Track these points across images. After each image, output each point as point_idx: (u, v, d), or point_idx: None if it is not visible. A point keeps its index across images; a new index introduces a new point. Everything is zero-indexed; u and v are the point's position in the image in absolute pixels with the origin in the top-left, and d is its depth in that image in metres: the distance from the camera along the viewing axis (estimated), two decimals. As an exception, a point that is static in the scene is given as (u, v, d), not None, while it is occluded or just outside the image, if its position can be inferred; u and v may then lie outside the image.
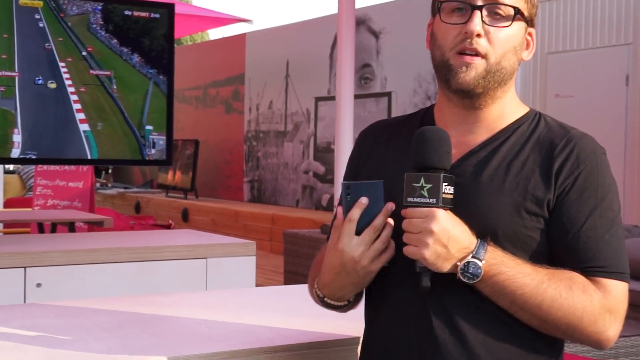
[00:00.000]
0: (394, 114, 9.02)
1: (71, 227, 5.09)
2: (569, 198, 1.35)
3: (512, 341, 1.36)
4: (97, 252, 3.21)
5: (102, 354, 1.58)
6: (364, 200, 1.35)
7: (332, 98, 9.76)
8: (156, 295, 2.37)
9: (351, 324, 1.57)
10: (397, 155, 1.45)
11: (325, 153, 10.26)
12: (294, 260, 6.34)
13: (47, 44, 3.27)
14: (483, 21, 1.37)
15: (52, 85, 3.25)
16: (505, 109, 1.43)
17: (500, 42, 1.38)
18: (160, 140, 3.46)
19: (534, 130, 1.42)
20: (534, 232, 1.35)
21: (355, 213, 1.36)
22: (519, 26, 1.40)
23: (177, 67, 3.95)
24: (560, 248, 1.36)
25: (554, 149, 1.38)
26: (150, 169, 14.01)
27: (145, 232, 4.10)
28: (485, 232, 1.34)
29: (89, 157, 3.44)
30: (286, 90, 11.02)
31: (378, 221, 1.36)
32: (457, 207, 1.35)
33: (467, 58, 1.38)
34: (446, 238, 1.31)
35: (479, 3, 1.38)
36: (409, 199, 1.33)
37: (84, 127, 3.37)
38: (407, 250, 1.33)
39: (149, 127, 3.46)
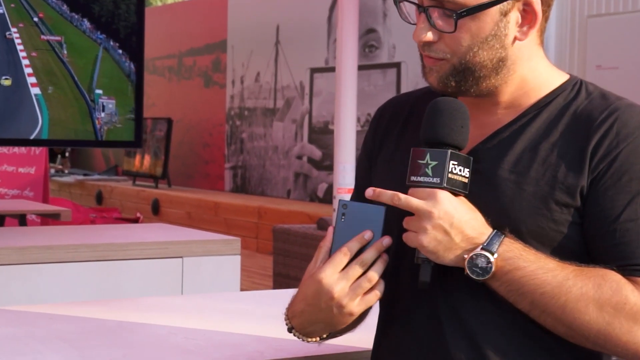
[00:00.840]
0: (403, 89, 9.03)
1: (22, 220, 5.10)
2: (604, 183, 1.35)
3: (541, 356, 1.37)
4: (52, 249, 3.22)
5: (60, 369, 1.58)
6: (367, 236, 1.37)
7: (331, 69, 9.76)
8: (123, 300, 2.39)
9: (358, 334, 1.58)
10: (416, 137, 1.46)
11: (322, 135, 10.27)
12: (285, 261, 6.39)
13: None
14: (432, 24, 1.38)
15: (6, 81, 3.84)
16: (527, 85, 1.43)
17: (460, 42, 1.38)
18: (110, 104, 3.91)
19: (572, 103, 1.42)
20: (564, 226, 1.36)
21: (353, 247, 1.37)
22: (488, 13, 1.37)
23: (147, 32, 4.08)
24: (594, 243, 1.35)
25: (591, 125, 1.37)
26: (114, 152, 14.02)
27: (109, 227, 4.11)
28: (507, 226, 1.36)
29: (40, 120, 3.81)
30: (276, 60, 11.03)
31: (368, 255, 1.37)
32: (475, 197, 1.36)
33: (428, 60, 1.41)
34: (448, 224, 1.32)
35: (425, 3, 1.39)
36: (412, 178, 1.35)
37: (35, 90, 3.85)
38: (406, 237, 1.35)
39: (98, 91, 3.95)
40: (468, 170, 1.36)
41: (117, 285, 3.29)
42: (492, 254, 1.32)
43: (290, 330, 1.46)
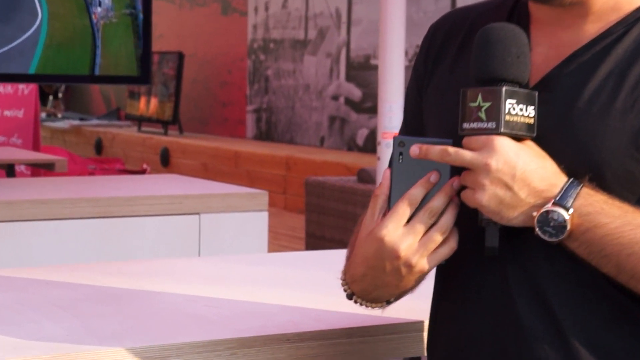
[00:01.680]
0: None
1: (10, 170, 5.13)
2: None
3: (625, 330, 1.36)
4: (46, 204, 3.24)
5: (58, 342, 1.59)
6: (433, 178, 1.37)
7: (373, -7, 9.69)
8: (130, 262, 2.42)
9: (410, 302, 1.58)
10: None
11: (362, 71, 10.24)
12: (319, 219, 6.39)
13: None
14: None
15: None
16: None
17: None
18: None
19: None
20: None
21: (417, 194, 1.38)
22: None
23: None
24: None
25: None
26: (116, 93, 14.08)
27: (112, 178, 4.16)
28: (586, 172, 1.34)
29: (39, 14, 3.81)
30: (307, -18, 10.97)
31: (437, 202, 1.37)
32: (546, 138, 1.36)
33: None
34: (510, 176, 1.31)
35: None
36: (464, 125, 1.35)
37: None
38: (464, 196, 1.36)
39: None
40: (533, 107, 1.34)
41: (123, 246, 3.31)
42: (567, 209, 1.31)
43: (350, 296, 1.48)
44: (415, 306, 1.71)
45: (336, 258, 1.62)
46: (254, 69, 11.83)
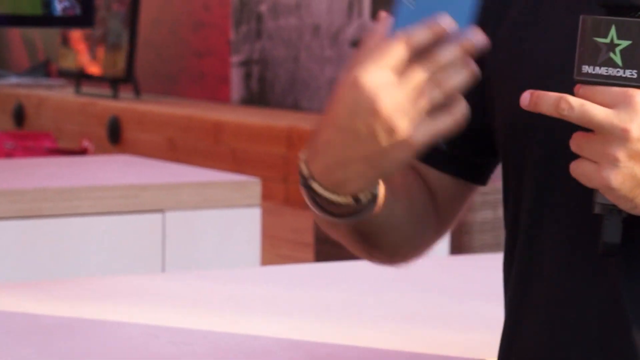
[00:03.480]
0: None
1: None
2: None
3: None
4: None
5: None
6: (446, 24, 1.35)
7: None
8: (66, 281, 2.43)
9: (464, 334, 1.60)
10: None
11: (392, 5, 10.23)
12: None
13: None
14: None
15: None
16: None
17: None
18: None
19: None
20: None
21: (420, 36, 1.36)
22: None
23: None
24: None
25: None
26: (43, 38, 14.07)
27: (39, 162, 4.19)
28: None
29: None
30: None
31: (448, 53, 1.35)
32: None
33: None
34: None
35: None
36: (586, 69, 1.35)
37: None
38: (577, 169, 1.36)
39: None
40: None
41: (56, 257, 3.30)
42: None
43: (305, 181, 1.46)
44: (476, 339, 1.75)
45: (356, 273, 1.64)
46: (241, 4, 11.82)
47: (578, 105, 1.33)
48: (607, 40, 1.33)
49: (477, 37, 1.36)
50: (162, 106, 11.32)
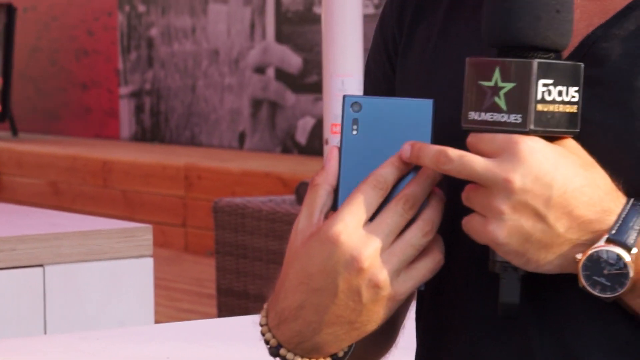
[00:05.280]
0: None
1: None
2: None
3: None
4: None
5: None
6: (407, 154, 1.39)
7: None
8: None
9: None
10: (472, 26, 1.51)
11: (300, 26, 10.45)
12: (238, 265, 6.51)
13: None
14: None
15: None
16: None
17: None
18: None
19: None
20: None
21: (387, 175, 1.40)
22: None
23: None
24: None
25: None
26: None
27: None
28: None
29: None
30: None
31: (415, 188, 1.39)
32: (595, 135, 1.40)
33: None
34: (543, 200, 1.34)
35: None
36: (472, 115, 1.37)
37: None
38: (468, 224, 1.39)
39: None
40: (576, 89, 1.36)
41: None
42: (628, 248, 1.34)
43: (275, 351, 1.46)
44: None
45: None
46: (130, 28, 11.82)
47: (457, 157, 1.36)
48: (492, 84, 1.37)
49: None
50: (42, 146, 11.48)
